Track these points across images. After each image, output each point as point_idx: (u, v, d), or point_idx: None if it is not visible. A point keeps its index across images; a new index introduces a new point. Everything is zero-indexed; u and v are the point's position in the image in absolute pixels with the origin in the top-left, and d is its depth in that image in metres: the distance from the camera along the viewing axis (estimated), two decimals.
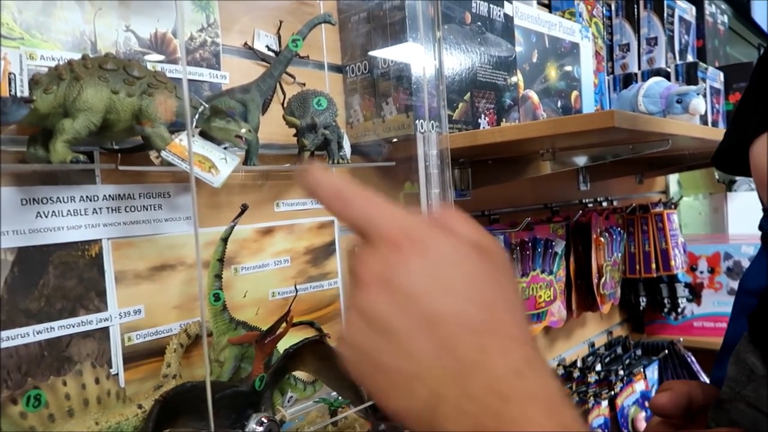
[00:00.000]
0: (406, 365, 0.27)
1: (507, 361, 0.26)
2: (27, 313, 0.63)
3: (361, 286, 0.29)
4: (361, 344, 0.29)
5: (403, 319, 0.27)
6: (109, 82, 0.60)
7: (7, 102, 0.53)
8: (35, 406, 0.51)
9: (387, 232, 0.29)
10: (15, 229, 0.62)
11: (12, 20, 0.63)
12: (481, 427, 0.25)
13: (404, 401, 0.27)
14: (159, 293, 0.73)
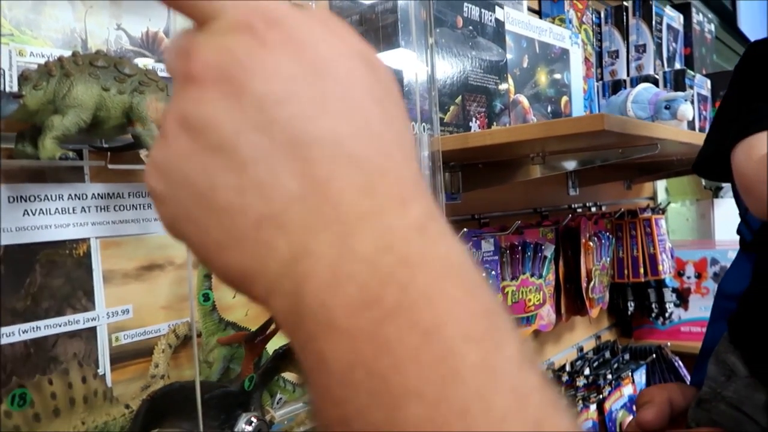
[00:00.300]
0: (258, 205, 0.19)
1: (406, 213, 0.19)
2: (13, 312, 0.62)
3: (185, 85, 0.20)
4: (181, 168, 0.20)
5: (253, 137, 0.19)
6: (99, 79, 0.60)
7: None
8: (20, 405, 0.50)
9: (232, 8, 0.20)
10: (2, 227, 0.62)
11: (2, 17, 0.62)
12: (376, 300, 0.18)
13: (248, 258, 0.19)
14: (147, 293, 0.73)
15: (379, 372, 0.17)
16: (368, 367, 0.17)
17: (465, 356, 0.17)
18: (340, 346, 0.18)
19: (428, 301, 0.18)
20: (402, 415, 0.17)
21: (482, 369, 0.18)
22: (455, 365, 0.17)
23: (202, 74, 0.20)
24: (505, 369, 0.18)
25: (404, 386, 0.17)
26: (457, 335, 0.18)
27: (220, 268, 0.21)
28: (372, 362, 0.17)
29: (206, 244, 0.20)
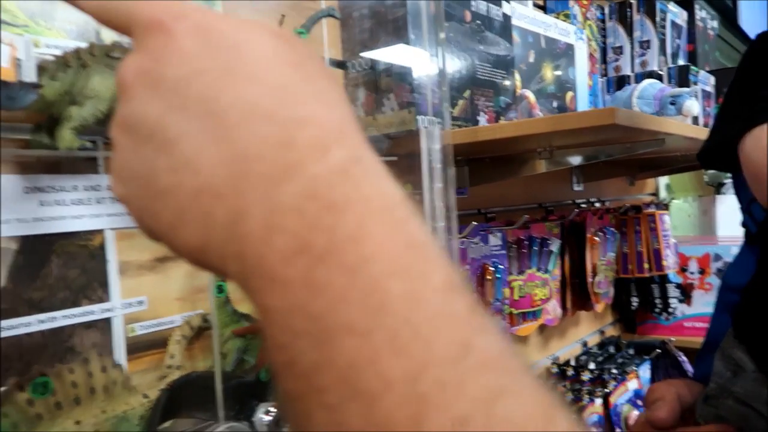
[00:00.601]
0: (190, 179, 0.20)
1: (327, 159, 0.19)
2: (30, 303, 0.63)
3: (120, 94, 0.22)
4: (130, 167, 0.22)
5: (174, 117, 0.20)
6: (115, 69, 0.60)
7: (15, 87, 0.52)
8: (42, 393, 0.51)
9: (143, 14, 0.22)
10: (18, 218, 0.62)
11: (16, 8, 0.62)
12: (306, 247, 0.18)
13: (197, 230, 0.20)
14: (161, 285, 0.73)
15: (314, 313, 0.18)
16: (304, 310, 0.18)
17: (389, 289, 0.18)
18: (279, 294, 0.19)
19: (354, 242, 0.19)
20: (337, 350, 0.18)
21: (407, 299, 0.18)
22: (381, 298, 0.18)
23: (127, 79, 0.22)
24: (430, 297, 0.19)
25: (336, 323, 0.18)
26: (382, 270, 0.18)
27: (179, 247, 0.22)
28: (307, 305, 0.18)
29: (163, 230, 0.22)
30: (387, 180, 0.21)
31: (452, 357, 0.18)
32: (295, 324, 0.18)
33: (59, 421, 0.52)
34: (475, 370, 0.18)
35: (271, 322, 0.19)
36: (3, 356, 0.61)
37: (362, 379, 0.18)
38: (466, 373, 0.18)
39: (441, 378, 0.17)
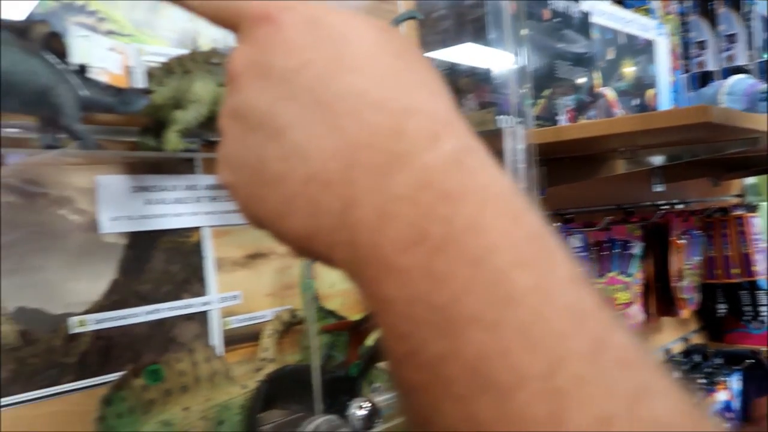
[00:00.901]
0: (300, 167, 0.20)
1: (439, 148, 0.19)
2: (137, 295, 0.67)
3: (230, 84, 0.23)
4: (238, 155, 0.22)
5: (284, 106, 0.21)
6: (214, 75, 0.63)
7: (129, 93, 0.56)
8: (154, 380, 0.54)
9: (252, 7, 0.22)
10: (127, 215, 0.66)
11: (123, 18, 0.67)
12: (423, 237, 0.18)
13: (304, 218, 0.20)
14: (254, 280, 0.76)
15: (437, 304, 0.18)
16: (426, 300, 0.18)
17: (516, 280, 0.18)
18: (397, 283, 0.18)
19: (474, 232, 0.18)
20: (464, 341, 0.18)
21: (536, 291, 0.18)
22: (508, 290, 0.18)
23: (237, 70, 0.22)
24: (558, 289, 0.18)
25: (462, 314, 0.18)
26: (507, 261, 0.18)
27: (286, 235, 0.22)
28: (429, 296, 0.18)
29: (270, 217, 0.22)
30: (498, 170, 0.20)
31: (588, 352, 0.17)
32: (417, 314, 0.18)
33: (168, 407, 0.55)
34: (614, 367, 0.17)
35: (389, 312, 0.19)
36: (115, 344, 0.65)
37: (493, 371, 0.17)
38: (605, 370, 0.17)
39: (579, 374, 0.17)
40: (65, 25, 0.61)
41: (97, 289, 0.64)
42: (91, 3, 0.64)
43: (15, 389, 0.59)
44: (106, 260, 0.65)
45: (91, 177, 0.63)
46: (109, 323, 0.64)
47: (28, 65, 0.50)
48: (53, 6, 0.61)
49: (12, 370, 0.59)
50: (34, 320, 0.60)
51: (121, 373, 0.63)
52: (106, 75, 0.56)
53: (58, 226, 0.61)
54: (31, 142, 0.59)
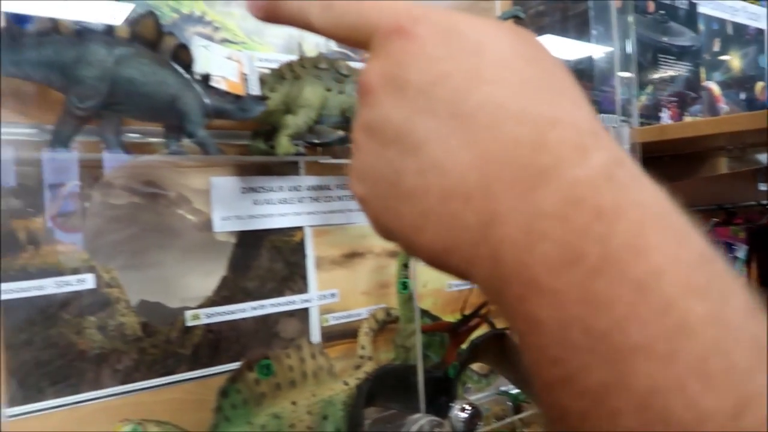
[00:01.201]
0: (438, 181, 0.20)
1: (588, 161, 0.18)
2: (244, 291, 0.70)
3: (363, 98, 0.22)
4: (373, 169, 0.22)
5: (420, 120, 0.20)
6: (322, 80, 0.65)
7: (247, 100, 0.59)
8: (266, 374, 0.56)
9: (383, 20, 0.22)
10: (237, 215, 0.69)
11: (236, 27, 0.70)
12: (577, 257, 0.17)
13: (442, 232, 0.20)
14: (350, 279, 0.78)
15: (597, 330, 0.17)
16: (584, 325, 0.17)
17: (689, 309, 0.16)
18: (550, 305, 0.17)
19: (635, 253, 0.17)
20: (632, 371, 0.16)
21: (712, 321, 0.16)
22: (680, 319, 0.16)
23: (370, 84, 0.22)
24: (737, 320, 0.17)
25: (627, 343, 0.16)
26: (676, 287, 0.16)
27: (421, 249, 0.21)
28: (587, 320, 0.17)
29: (404, 231, 0.21)
30: (653, 185, 0.19)
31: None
32: (573, 339, 0.17)
33: (278, 401, 0.58)
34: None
35: (538, 333, 0.18)
36: (223, 338, 0.68)
37: (669, 407, 0.16)
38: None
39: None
40: (185, 35, 0.65)
41: (209, 285, 0.67)
42: (208, 13, 0.67)
43: (137, 377, 0.63)
44: (218, 258, 0.68)
45: (205, 178, 0.67)
46: (219, 317, 0.68)
47: (159, 76, 0.53)
48: (175, 17, 0.64)
49: (134, 359, 0.63)
50: (154, 313, 0.64)
51: (230, 365, 0.66)
52: (225, 83, 0.59)
53: (176, 224, 0.65)
54: (153, 147, 0.63)
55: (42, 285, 0.57)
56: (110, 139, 0.56)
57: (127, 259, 0.62)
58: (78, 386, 0.60)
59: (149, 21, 0.53)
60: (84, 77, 0.51)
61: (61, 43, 0.50)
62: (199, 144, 0.56)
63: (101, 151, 0.57)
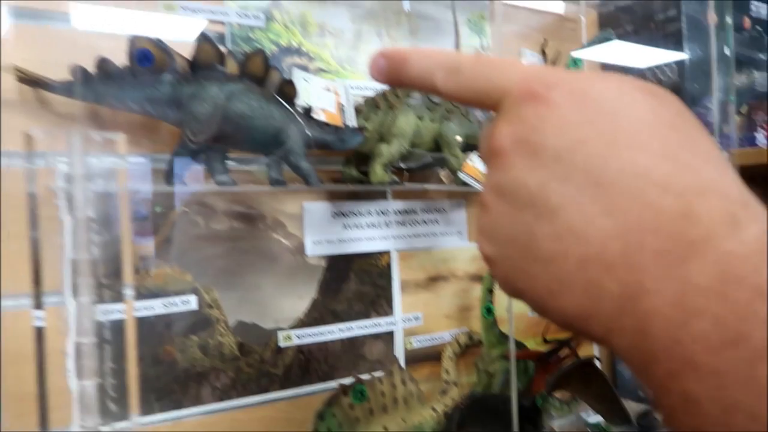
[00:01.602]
0: (577, 248, 0.19)
1: (740, 234, 0.17)
2: (333, 313, 0.72)
3: (493, 160, 0.22)
4: (504, 230, 0.22)
5: (557, 186, 0.20)
6: (415, 109, 0.66)
7: (346, 131, 0.60)
8: (360, 399, 0.57)
9: (515, 85, 0.22)
10: (326, 239, 0.71)
11: (330, 56, 0.72)
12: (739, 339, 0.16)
13: (580, 299, 0.20)
14: (433, 302, 0.78)
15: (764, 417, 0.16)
16: (750, 411, 0.16)
17: None
18: (709, 386, 0.17)
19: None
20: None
21: None
22: None
23: (502, 146, 0.22)
24: None
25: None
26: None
27: (556, 312, 0.21)
28: (754, 407, 0.16)
29: (538, 293, 0.21)
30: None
31: None
32: (737, 423, 0.17)
33: (371, 426, 0.59)
34: None
35: (694, 412, 0.18)
36: (313, 358, 0.70)
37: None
38: None
39: None
40: (283, 65, 0.67)
41: (301, 307, 0.69)
42: (304, 44, 0.69)
43: (233, 394, 0.66)
44: (309, 280, 0.70)
45: (298, 203, 0.69)
46: (309, 339, 0.70)
47: (266, 110, 0.56)
48: (274, 49, 0.67)
49: (231, 378, 0.66)
50: (250, 333, 0.67)
51: (319, 385, 0.68)
52: (324, 114, 0.60)
53: (272, 248, 0.67)
54: (254, 175, 0.65)
55: (151, 305, 0.61)
56: (217, 169, 0.58)
57: (226, 281, 0.65)
58: (181, 402, 0.63)
59: (258, 58, 0.55)
60: (198, 113, 0.53)
61: (178, 81, 0.53)
62: (302, 175, 0.58)
63: (208, 179, 0.59)
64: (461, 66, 0.24)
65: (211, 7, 0.64)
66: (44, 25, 0.56)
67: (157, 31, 0.61)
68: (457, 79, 0.24)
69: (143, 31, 0.58)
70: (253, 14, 0.66)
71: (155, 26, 0.61)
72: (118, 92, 0.53)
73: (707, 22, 0.83)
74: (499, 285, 0.24)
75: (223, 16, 0.65)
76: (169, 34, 0.61)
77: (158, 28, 0.61)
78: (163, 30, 0.61)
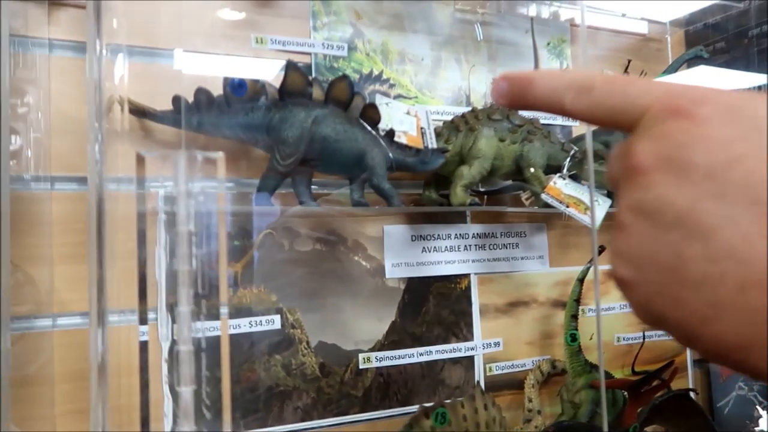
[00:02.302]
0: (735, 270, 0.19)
1: None
2: (412, 337, 0.71)
3: (632, 177, 0.21)
4: (646, 252, 0.21)
5: (711, 205, 0.19)
6: (496, 131, 0.66)
7: (428, 153, 0.61)
8: (441, 422, 0.57)
9: (656, 100, 0.21)
10: (406, 262, 0.71)
11: (409, 82, 0.73)
12: None
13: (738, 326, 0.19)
14: (514, 328, 0.77)
15: None
16: None
17: None
18: None
19: None
20: None
21: None
22: None
23: (644, 163, 0.21)
24: None
25: None
26: None
27: (709, 341, 0.20)
28: None
29: (687, 320, 0.20)
30: None
31: None
32: None
33: None
34: None
35: None
36: (392, 381, 0.70)
37: None
38: None
39: None
40: (365, 93, 0.69)
41: (381, 329, 0.70)
42: (385, 71, 0.71)
43: (314, 415, 0.66)
44: (389, 303, 0.70)
45: (379, 226, 0.70)
46: (389, 362, 0.70)
47: (350, 133, 0.57)
48: (356, 77, 0.69)
49: (312, 398, 0.66)
50: (331, 354, 0.67)
51: (398, 409, 0.68)
52: (405, 137, 0.62)
53: (353, 270, 0.69)
54: (337, 198, 0.67)
55: (239, 324, 0.63)
56: (302, 192, 0.60)
57: (309, 302, 0.67)
58: (265, 420, 0.64)
59: (342, 84, 0.57)
60: (287, 137, 0.56)
61: (269, 108, 0.56)
62: (385, 196, 0.59)
63: (293, 202, 0.62)
64: (594, 84, 0.23)
65: (298, 40, 0.67)
66: (151, 62, 0.60)
67: (250, 64, 0.65)
68: (589, 98, 0.23)
69: (238, 62, 0.62)
70: (337, 44, 0.69)
71: (248, 60, 0.64)
72: (215, 120, 0.56)
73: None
74: (636, 311, 0.22)
75: (309, 48, 0.68)
76: (260, 67, 0.65)
77: (251, 62, 0.65)
78: (256, 63, 0.65)
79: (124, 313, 0.43)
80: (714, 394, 0.88)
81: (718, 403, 0.88)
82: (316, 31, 0.69)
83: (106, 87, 0.43)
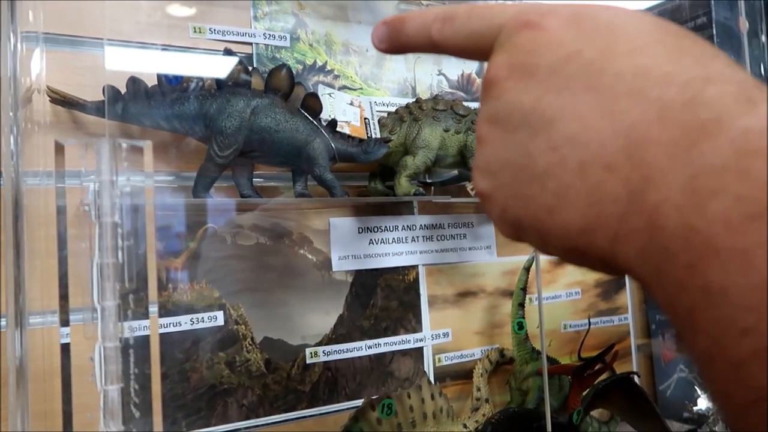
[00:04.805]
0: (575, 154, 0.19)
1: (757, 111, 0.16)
2: (360, 330, 0.71)
3: (488, 91, 0.21)
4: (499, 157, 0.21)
5: (553, 97, 0.19)
6: (441, 121, 0.66)
7: (370, 143, 0.60)
8: (387, 414, 0.56)
9: (509, 18, 0.22)
10: (353, 254, 0.71)
11: (354, 74, 0.73)
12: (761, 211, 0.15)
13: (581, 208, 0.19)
14: (463, 318, 0.77)
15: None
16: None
17: None
18: (732, 269, 0.16)
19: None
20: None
21: None
22: None
23: (498, 75, 0.21)
24: None
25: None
26: None
27: (556, 231, 0.20)
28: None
29: (538, 215, 0.20)
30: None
31: None
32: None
33: None
34: None
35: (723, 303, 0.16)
36: (340, 375, 0.69)
37: None
38: None
39: None
40: (309, 84, 0.68)
41: (328, 323, 0.69)
42: (329, 62, 0.70)
43: (261, 412, 0.65)
44: (336, 296, 0.69)
45: (325, 219, 0.69)
46: (337, 355, 0.69)
47: (291, 123, 0.56)
48: (299, 68, 0.68)
49: (258, 395, 0.65)
50: (277, 350, 0.66)
51: (346, 403, 0.67)
52: (348, 127, 0.61)
53: (298, 264, 0.67)
54: (280, 190, 0.66)
55: (179, 321, 0.61)
56: (243, 184, 0.59)
57: (253, 297, 0.65)
58: (208, 419, 0.62)
59: (283, 73, 0.56)
60: (224, 128, 0.54)
61: (205, 97, 0.55)
62: (327, 187, 0.58)
63: (234, 195, 0.60)
64: (457, 13, 0.24)
65: (238, 29, 0.65)
66: (78, 51, 0.58)
67: (187, 55, 0.63)
68: (453, 27, 0.24)
69: (174, 52, 0.60)
70: (279, 35, 0.68)
71: (185, 49, 0.62)
72: (148, 110, 0.54)
73: (740, 30, 0.81)
74: (496, 223, 0.22)
75: (250, 38, 0.66)
76: (198, 58, 0.63)
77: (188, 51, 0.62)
78: (193, 52, 0.63)
79: (45, 314, 0.41)
80: (656, 377, 0.91)
81: (660, 385, 0.90)
82: (257, 20, 0.67)
83: (22, 76, 0.40)
